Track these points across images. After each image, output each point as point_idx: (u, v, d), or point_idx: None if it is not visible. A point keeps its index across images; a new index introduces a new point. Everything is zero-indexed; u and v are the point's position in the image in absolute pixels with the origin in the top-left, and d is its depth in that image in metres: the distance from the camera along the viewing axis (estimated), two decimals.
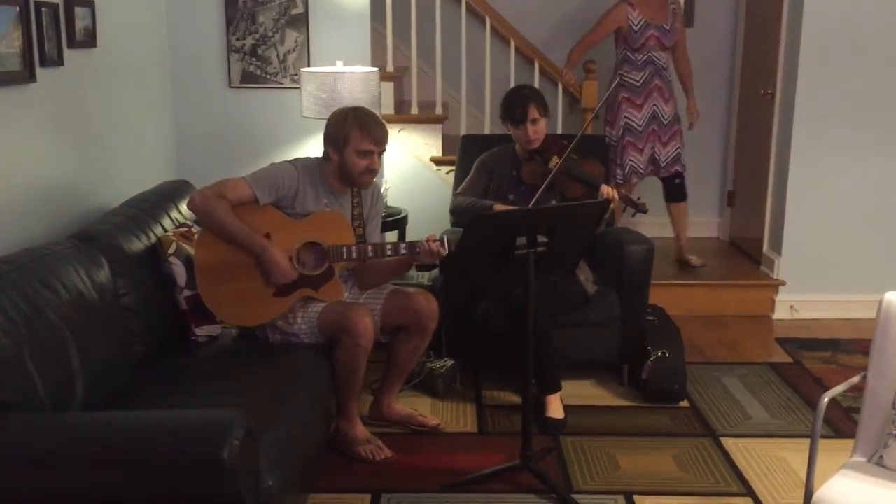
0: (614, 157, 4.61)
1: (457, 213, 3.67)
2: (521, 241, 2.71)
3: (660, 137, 4.58)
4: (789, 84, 4.56)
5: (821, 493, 2.13)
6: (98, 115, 3.32)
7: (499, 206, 3.45)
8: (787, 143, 4.58)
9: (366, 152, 2.99)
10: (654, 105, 4.53)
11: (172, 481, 1.87)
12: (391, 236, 4.23)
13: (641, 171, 4.62)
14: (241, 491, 1.86)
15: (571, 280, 3.46)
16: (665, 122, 4.58)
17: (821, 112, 4.47)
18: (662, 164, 4.63)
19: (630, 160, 4.58)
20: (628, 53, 4.52)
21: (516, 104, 3.49)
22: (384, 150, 3.07)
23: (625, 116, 4.56)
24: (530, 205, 3.38)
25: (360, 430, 3.09)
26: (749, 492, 2.89)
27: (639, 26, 4.43)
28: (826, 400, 2.26)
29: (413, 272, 3.99)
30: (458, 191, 3.72)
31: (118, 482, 1.88)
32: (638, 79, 4.51)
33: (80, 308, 2.41)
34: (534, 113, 3.46)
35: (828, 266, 4.60)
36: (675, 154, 4.64)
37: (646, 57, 4.48)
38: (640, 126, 4.55)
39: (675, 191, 4.75)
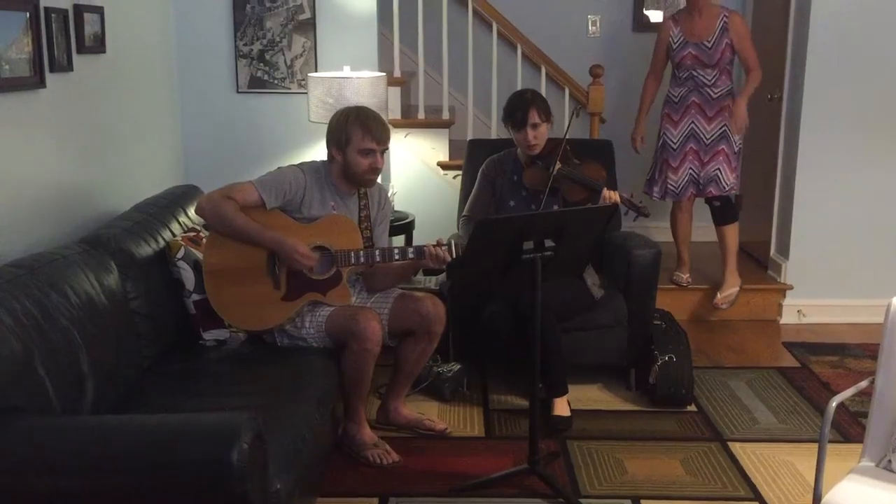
0: (654, 173, 4.56)
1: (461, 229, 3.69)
2: (528, 244, 2.72)
3: (699, 157, 4.39)
4: (796, 88, 4.56)
5: (829, 497, 2.13)
6: (107, 120, 3.34)
7: None
8: (794, 148, 4.58)
9: (368, 151, 3.00)
10: (693, 123, 4.38)
11: (181, 484, 1.88)
12: (398, 241, 4.23)
13: (676, 191, 4.46)
14: (249, 494, 1.87)
15: (577, 284, 3.46)
16: (707, 142, 4.37)
17: (828, 116, 4.46)
18: (701, 185, 4.43)
19: (667, 179, 4.47)
20: (674, 69, 4.46)
21: (517, 108, 3.49)
22: (386, 148, 3.09)
23: (663, 133, 4.48)
24: (532, 210, 3.38)
25: (368, 434, 3.10)
26: (757, 496, 2.88)
27: (678, 44, 4.35)
28: (834, 404, 2.26)
29: (420, 276, 4.00)
30: (465, 212, 3.70)
31: (127, 485, 1.89)
32: (676, 95, 4.42)
33: (89, 312, 2.42)
34: (535, 117, 3.46)
35: (835, 270, 4.59)
36: (713, 175, 4.38)
37: (686, 74, 4.38)
38: (675, 144, 4.42)
39: (714, 213, 4.51)
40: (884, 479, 2.20)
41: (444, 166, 4.70)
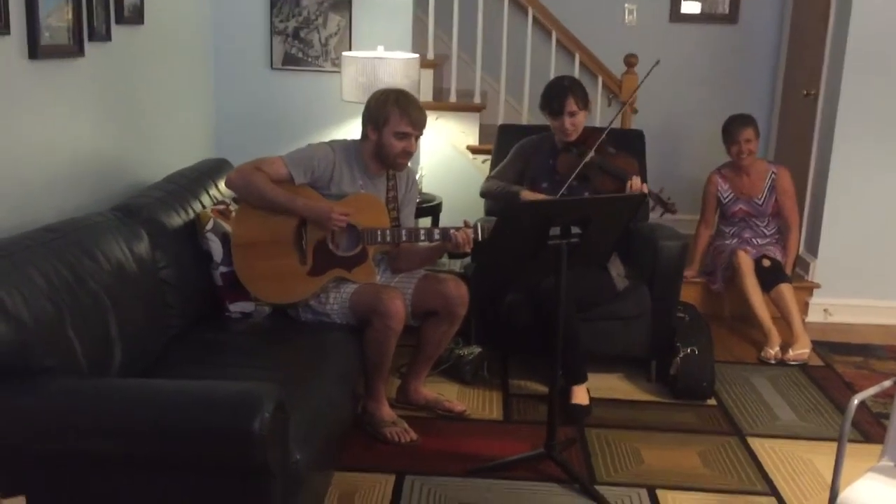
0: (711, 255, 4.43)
1: (486, 196, 3.74)
2: (555, 231, 2.72)
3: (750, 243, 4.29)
4: (833, 86, 4.50)
5: (845, 495, 2.12)
6: (143, 91, 3.38)
7: (526, 193, 3.47)
8: (827, 145, 4.53)
9: (403, 134, 3.02)
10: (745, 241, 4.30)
11: (204, 449, 1.92)
12: (425, 223, 4.24)
13: (725, 253, 4.28)
14: (269, 462, 1.91)
15: (600, 274, 3.46)
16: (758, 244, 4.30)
17: (864, 115, 4.40)
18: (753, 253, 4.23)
19: (717, 254, 4.36)
20: (724, 216, 4.38)
21: (555, 95, 3.48)
22: (421, 133, 3.10)
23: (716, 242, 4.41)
24: (559, 195, 3.38)
25: (387, 412, 3.13)
26: (773, 492, 2.87)
27: (727, 199, 4.32)
28: (856, 402, 2.24)
29: (445, 259, 4.01)
30: (492, 174, 3.75)
31: (151, 448, 1.93)
32: (728, 231, 4.36)
33: (119, 278, 2.46)
34: (572, 106, 3.45)
35: (863, 270, 4.54)
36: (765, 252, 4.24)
37: (739, 219, 4.33)
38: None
39: (765, 274, 4.16)
40: None
41: (473, 150, 4.70)
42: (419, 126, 3.05)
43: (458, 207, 4.28)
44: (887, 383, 2.38)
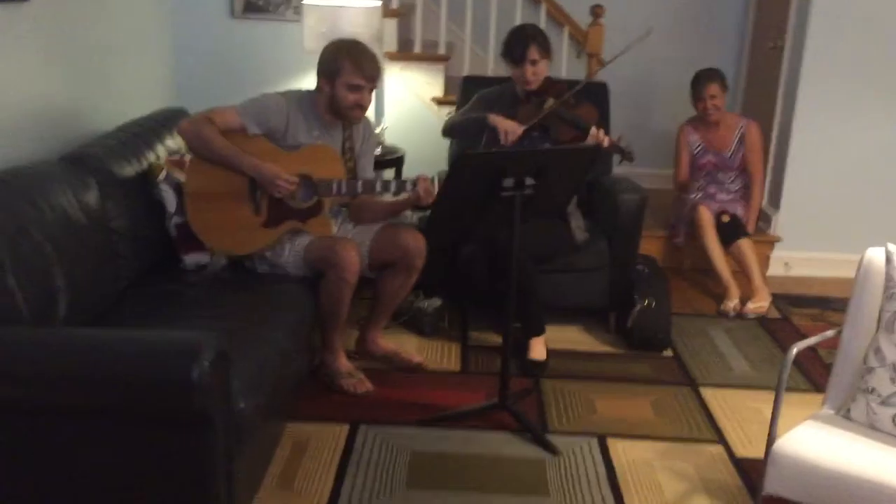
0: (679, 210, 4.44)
1: (449, 129, 3.65)
2: (509, 182, 2.71)
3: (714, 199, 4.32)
4: (798, 38, 4.49)
5: (783, 440, 2.17)
6: (95, 37, 3.30)
7: (493, 117, 3.40)
8: (792, 99, 4.53)
9: (356, 87, 2.98)
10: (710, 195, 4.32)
11: (143, 398, 1.91)
12: (388, 175, 4.23)
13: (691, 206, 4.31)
14: (209, 410, 1.91)
15: (559, 227, 3.46)
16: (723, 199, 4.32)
17: (828, 68, 4.40)
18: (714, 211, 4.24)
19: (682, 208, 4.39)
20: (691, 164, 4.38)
21: (517, 43, 3.44)
22: (376, 86, 3.06)
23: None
24: (515, 141, 3.35)
25: (343, 364, 3.14)
26: (721, 440, 2.93)
27: (697, 151, 4.31)
28: (795, 350, 2.28)
29: (408, 212, 4.00)
30: (451, 116, 3.70)
31: (90, 397, 1.93)
32: (694, 184, 4.36)
33: (65, 228, 2.44)
34: (534, 54, 3.42)
35: (825, 224, 4.58)
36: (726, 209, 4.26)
37: (705, 173, 4.33)
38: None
39: (724, 230, 4.17)
40: (840, 427, 2.23)
41: (438, 102, 4.66)
42: (372, 79, 3.01)
43: (422, 160, 4.26)
44: (829, 333, 2.42)
